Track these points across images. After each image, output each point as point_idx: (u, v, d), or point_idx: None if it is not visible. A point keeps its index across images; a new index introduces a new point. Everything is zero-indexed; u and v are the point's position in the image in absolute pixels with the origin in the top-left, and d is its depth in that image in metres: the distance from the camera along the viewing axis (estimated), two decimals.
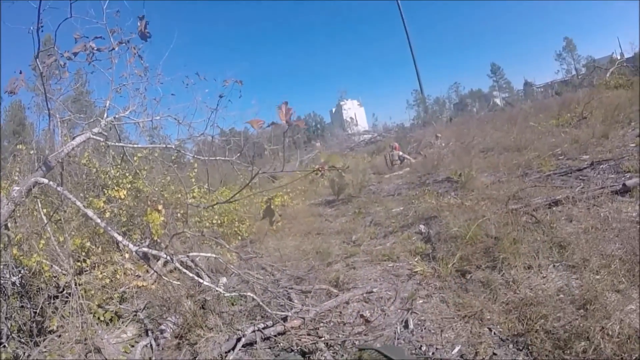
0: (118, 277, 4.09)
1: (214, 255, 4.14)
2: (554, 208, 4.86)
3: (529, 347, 2.59)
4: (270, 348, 3.33)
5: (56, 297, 3.59)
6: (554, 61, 50.02)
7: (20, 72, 3.15)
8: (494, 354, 2.66)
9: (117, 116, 3.93)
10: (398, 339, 3.15)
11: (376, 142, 24.18)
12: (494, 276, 3.63)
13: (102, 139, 3.69)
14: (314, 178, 13.01)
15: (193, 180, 6.61)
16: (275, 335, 3.38)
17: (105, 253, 4.41)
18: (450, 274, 3.94)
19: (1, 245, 3.39)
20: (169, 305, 4.00)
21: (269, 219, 2.47)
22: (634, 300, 2.72)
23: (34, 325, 3.42)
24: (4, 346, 3.09)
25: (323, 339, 3.26)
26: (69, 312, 3.38)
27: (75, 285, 3.48)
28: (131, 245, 2.84)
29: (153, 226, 4.25)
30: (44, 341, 3.25)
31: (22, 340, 3.27)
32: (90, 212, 2.93)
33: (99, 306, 3.79)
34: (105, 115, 3.77)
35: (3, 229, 3.16)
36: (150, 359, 3.41)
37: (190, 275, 3.09)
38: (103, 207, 4.62)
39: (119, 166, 5.54)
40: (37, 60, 3.05)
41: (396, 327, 3.31)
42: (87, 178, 5.77)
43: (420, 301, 3.66)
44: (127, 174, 5.48)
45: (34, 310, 3.46)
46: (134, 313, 4.09)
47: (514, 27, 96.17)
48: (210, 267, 5.04)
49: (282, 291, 4.34)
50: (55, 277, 3.63)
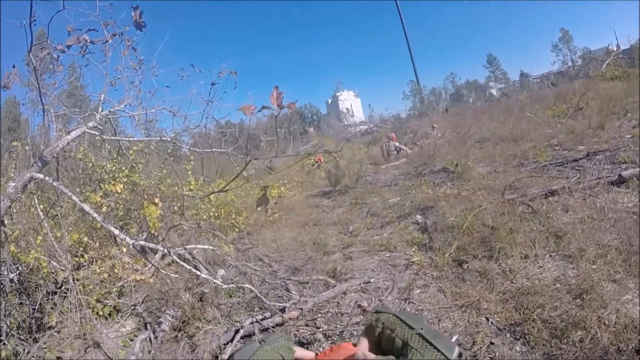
0: (116, 271, 4.08)
1: (211, 248, 4.12)
2: (550, 198, 4.88)
3: (526, 336, 2.61)
4: None
5: (55, 293, 3.58)
6: (550, 52, 50.01)
7: (13, 67, 3.08)
8: (492, 343, 2.68)
9: (112, 110, 3.86)
10: None
11: (372, 132, 24.18)
12: (491, 266, 3.65)
13: (97, 133, 3.64)
14: (311, 169, 13.03)
15: (189, 172, 6.57)
16: (273, 327, 3.39)
17: (102, 248, 4.38)
18: (447, 264, 3.96)
19: None
20: (167, 298, 4.00)
21: (264, 207, 2.44)
22: (630, 290, 2.74)
23: (33, 321, 3.41)
24: (4, 344, 3.07)
25: (321, 329, 3.27)
26: (68, 308, 3.37)
27: (74, 280, 3.47)
28: (128, 239, 2.81)
29: (150, 219, 4.23)
30: (43, 337, 3.25)
31: (22, 337, 3.26)
32: (86, 207, 2.89)
33: (97, 301, 3.78)
34: (100, 109, 3.71)
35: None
36: (149, 352, 3.42)
37: (188, 268, 3.06)
38: (100, 202, 4.60)
39: (115, 160, 5.49)
40: (31, 54, 2.99)
41: None
42: (84, 173, 5.72)
43: (418, 291, 3.67)
44: (123, 168, 5.44)
45: (33, 307, 3.45)
46: (133, 307, 4.09)
47: (510, 18, 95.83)
48: (208, 260, 5.03)
49: (280, 282, 4.34)
50: (53, 273, 3.60)
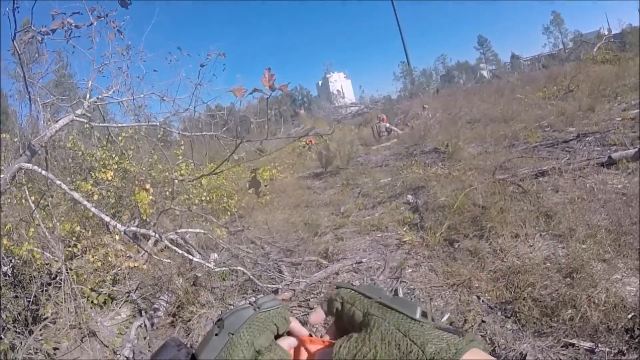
0: (109, 259, 4.03)
1: (203, 231, 4.09)
2: (540, 178, 4.91)
3: (517, 315, 2.64)
4: None
5: (49, 284, 3.53)
6: (541, 35, 49.69)
7: None
8: (483, 321, 2.70)
9: (100, 96, 3.73)
10: None
11: (363, 114, 24.09)
12: (482, 245, 3.67)
13: (85, 121, 3.53)
14: (302, 151, 12.93)
15: (180, 157, 6.47)
16: None
17: (95, 236, 4.32)
18: (439, 243, 3.98)
19: None
20: (161, 284, 3.99)
21: (255, 189, 2.38)
22: (619, 270, 2.78)
23: (29, 314, 3.37)
24: (0, 338, 3.03)
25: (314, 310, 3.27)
26: (63, 298, 3.33)
27: (67, 270, 3.41)
28: (119, 226, 2.73)
29: (141, 205, 4.19)
30: (39, 329, 3.21)
31: (18, 330, 3.22)
32: (76, 195, 2.80)
33: (92, 290, 3.75)
34: (88, 96, 3.58)
35: None
36: (145, 338, 3.41)
37: (180, 252, 3.02)
38: (91, 190, 4.51)
39: (104, 147, 5.36)
40: (15, 42, 2.83)
41: None
42: (74, 162, 5.62)
43: (409, 270, 3.69)
44: (113, 155, 5.32)
45: (28, 299, 3.41)
46: (127, 294, 4.08)
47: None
48: (201, 244, 5.00)
49: (272, 264, 4.33)
50: (47, 264, 3.54)
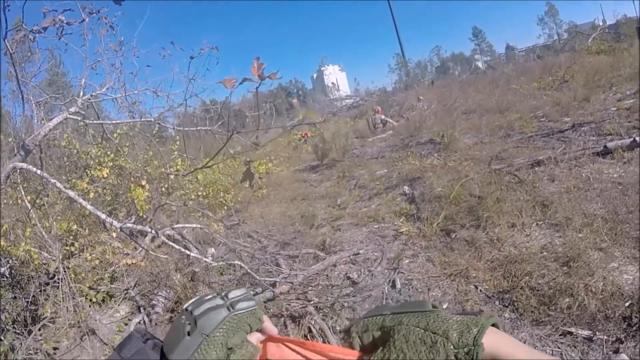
0: (107, 257, 4.02)
1: (199, 226, 4.06)
2: (536, 168, 4.91)
3: (515, 304, 2.65)
4: None
5: (47, 283, 3.51)
6: (536, 26, 49.57)
7: None
8: (481, 310, 2.71)
9: (94, 94, 3.68)
10: (386, 298, 3.19)
11: (358, 106, 23.94)
12: (479, 235, 3.68)
13: (80, 118, 3.48)
14: (298, 144, 12.86)
15: (175, 153, 6.42)
16: (265, 302, 3.37)
17: (92, 234, 4.30)
18: (435, 234, 3.98)
19: None
20: (159, 280, 3.97)
21: (249, 181, 2.35)
22: (616, 258, 2.79)
23: (28, 314, 3.35)
24: (0, 339, 3.01)
25: (312, 302, 3.27)
26: (61, 298, 3.32)
27: (65, 269, 3.39)
28: (115, 223, 2.70)
29: (138, 202, 4.16)
30: (38, 329, 3.20)
31: (18, 330, 3.20)
32: (72, 193, 2.76)
33: (90, 288, 3.73)
34: (82, 93, 3.53)
35: None
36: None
37: (178, 248, 3.00)
38: (87, 188, 4.47)
39: (99, 145, 5.31)
40: (6, 40, 2.76)
41: (384, 287, 3.34)
42: (69, 160, 5.57)
43: (407, 261, 3.69)
44: (108, 152, 5.28)
45: (27, 300, 3.39)
46: (125, 291, 4.06)
47: None
48: (198, 239, 4.98)
49: (270, 257, 4.32)
50: (44, 263, 3.52)
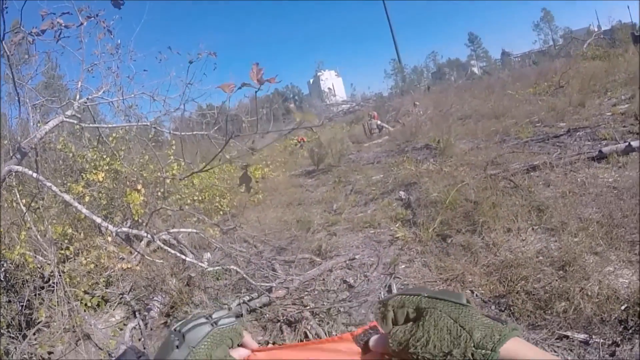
0: (102, 261, 3.98)
1: (195, 231, 4.03)
2: (531, 173, 4.93)
3: (511, 308, 2.64)
4: (256, 320, 3.30)
5: (42, 287, 3.46)
6: (532, 31, 50.21)
7: None
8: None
9: (90, 97, 3.66)
10: None
11: (355, 111, 24.03)
12: (474, 239, 3.67)
13: (76, 122, 3.46)
14: (294, 149, 12.87)
15: (172, 157, 6.41)
16: (261, 307, 3.35)
17: (87, 238, 4.25)
18: (431, 239, 3.97)
19: None
20: (154, 285, 3.93)
21: (246, 186, 2.34)
22: (612, 262, 2.79)
23: (22, 318, 3.31)
24: None
25: (308, 307, 3.24)
26: (56, 302, 3.27)
27: (60, 273, 3.35)
28: (111, 227, 2.69)
29: (133, 206, 4.13)
30: (33, 334, 3.15)
31: (12, 334, 3.16)
32: (67, 197, 2.74)
33: (85, 292, 3.69)
34: (78, 97, 3.50)
35: None
36: (139, 339, 3.36)
37: (173, 252, 2.98)
38: (82, 192, 4.43)
39: (95, 148, 5.28)
40: (4, 43, 2.75)
41: (380, 292, 3.32)
42: (64, 164, 5.51)
43: (403, 266, 3.68)
44: (104, 156, 5.24)
45: (21, 304, 3.35)
46: (121, 296, 4.02)
47: None
48: (194, 244, 4.94)
49: (266, 262, 4.29)
50: (39, 267, 3.48)
